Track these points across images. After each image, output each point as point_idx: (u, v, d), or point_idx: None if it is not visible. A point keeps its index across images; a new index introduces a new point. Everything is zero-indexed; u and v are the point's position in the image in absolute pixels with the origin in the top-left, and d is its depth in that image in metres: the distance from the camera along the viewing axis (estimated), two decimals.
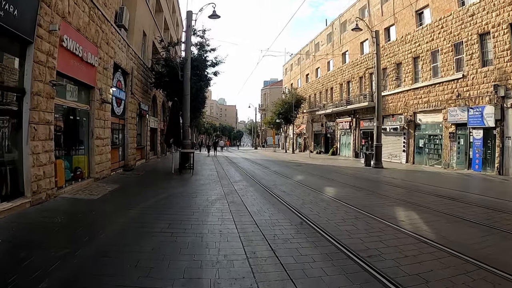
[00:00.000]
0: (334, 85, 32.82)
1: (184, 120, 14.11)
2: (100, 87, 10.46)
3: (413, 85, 21.19)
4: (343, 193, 9.34)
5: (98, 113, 10.36)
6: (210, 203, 7.27)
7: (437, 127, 19.33)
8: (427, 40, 19.97)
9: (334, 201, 7.91)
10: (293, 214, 6.38)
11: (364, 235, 5.14)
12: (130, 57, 14.33)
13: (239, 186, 10.18)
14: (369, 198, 8.63)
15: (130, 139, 14.43)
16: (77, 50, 8.59)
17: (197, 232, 4.98)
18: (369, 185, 11.38)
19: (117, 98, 12.86)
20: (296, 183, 11.14)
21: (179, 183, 10.64)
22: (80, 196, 7.72)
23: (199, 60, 17.10)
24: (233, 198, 7.96)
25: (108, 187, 9.03)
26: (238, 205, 7.14)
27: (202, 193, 8.64)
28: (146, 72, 17.85)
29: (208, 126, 76.83)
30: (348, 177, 13.83)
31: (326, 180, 12.61)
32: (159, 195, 8.04)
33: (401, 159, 22.05)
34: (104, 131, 10.83)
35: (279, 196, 8.30)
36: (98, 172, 10.33)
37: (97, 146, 10.30)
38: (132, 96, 14.59)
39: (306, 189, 9.78)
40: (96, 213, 6.04)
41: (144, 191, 8.80)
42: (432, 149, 19.86)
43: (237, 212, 6.35)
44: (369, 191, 9.81)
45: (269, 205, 7.27)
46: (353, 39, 28.74)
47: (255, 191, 9.24)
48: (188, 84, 14.39)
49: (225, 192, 8.78)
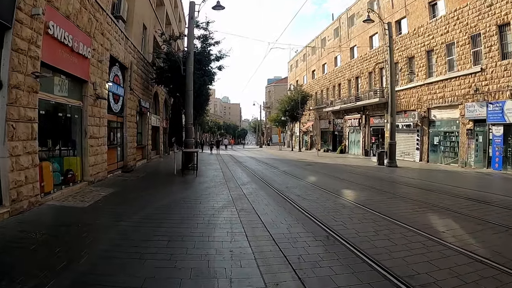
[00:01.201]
0: (342, 81, 31.73)
1: (187, 117, 13.17)
2: (94, 81, 9.55)
3: (426, 79, 20.12)
4: (364, 196, 8.37)
5: (92, 110, 9.45)
6: (216, 211, 6.32)
7: (453, 124, 18.26)
8: (441, 33, 18.90)
9: (358, 207, 6.94)
10: (315, 225, 5.42)
11: (406, 253, 4.19)
12: (128, 51, 13.41)
13: (248, 189, 9.23)
14: (395, 203, 7.64)
15: (130, 138, 13.52)
16: (67, 39, 7.69)
17: (202, 253, 4.03)
18: (388, 186, 10.39)
19: (114, 94, 11.95)
20: (310, 185, 10.16)
21: (182, 186, 9.73)
22: (69, 203, 6.81)
23: (203, 54, 16.10)
24: (243, 204, 7.01)
25: (103, 192, 8.12)
26: (249, 213, 6.18)
27: (207, 198, 7.69)
28: (147, 67, 16.92)
29: (212, 125, 75.94)
30: (363, 177, 12.83)
31: (341, 181, 11.62)
32: (158, 202, 7.11)
33: (414, 157, 21.00)
34: (99, 130, 9.92)
35: (294, 201, 7.34)
36: (92, 174, 9.43)
37: (91, 146, 9.40)
38: (131, 92, 13.68)
39: (323, 192, 8.80)
40: (82, 226, 5.11)
41: (142, 196, 7.85)
42: (448, 147, 18.81)
43: (248, 224, 5.39)
44: (391, 194, 8.83)
45: (285, 213, 6.31)
46: (362, 33, 27.66)
47: (267, 195, 8.28)
48: (191, 79, 13.44)
49: (233, 197, 7.83)
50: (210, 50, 16.40)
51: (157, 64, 16.98)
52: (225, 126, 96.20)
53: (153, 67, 16.93)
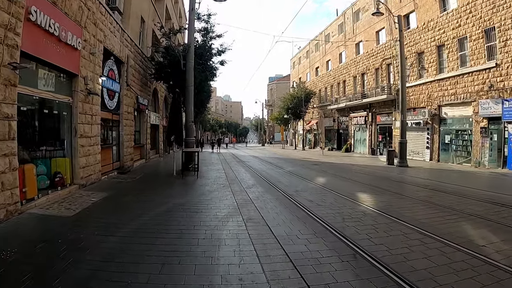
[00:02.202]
0: (347, 77, 30.84)
1: (187, 115, 12.34)
2: (86, 75, 8.75)
3: (437, 75, 19.26)
4: (383, 201, 7.53)
5: (83, 107, 8.65)
6: (220, 221, 5.50)
7: (466, 122, 17.41)
8: (453, 27, 18.02)
9: (380, 215, 6.11)
10: (337, 240, 4.62)
11: (453, 277, 3.45)
12: (125, 44, 12.60)
13: (254, 193, 8.41)
14: (419, 209, 6.82)
15: (126, 137, 12.71)
16: (52, 28, 6.88)
17: (205, 282, 3.21)
18: (405, 189, 9.54)
19: (109, 90, 11.14)
20: (321, 188, 9.33)
21: (181, 189, 8.91)
22: (53, 212, 6.01)
23: (204, 48, 15.24)
24: (250, 212, 6.20)
25: (94, 197, 7.32)
26: (258, 224, 5.37)
27: (209, 205, 6.88)
28: (145, 63, 16.10)
29: (214, 123, 75.04)
30: (376, 178, 11.99)
31: (353, 183, 10.79)
32: (154, 209, 6.30)
33: (424, 156, 20.15)
34: (91, 128, 9.11)
35: (308, 208, 6.52)
36: (83, 177, 8.64)
37: (82, 146, 8.60)
38: (128, 88, 12.87)
39: (336, 196, 7.97)
40: (62, 242, 4.32)
41: (137, 202, 7.03)
42: (460, 146, 17.96)
43: (259, 239, 4.58)
44: (411, 198, 7.98)
45: (300, 223, 5.49)
46: (368, 28, 26.76)
47: (275, 200, 7.46)
48: (191, 74, 12.62)
49: (238, 202, 7.02)
50: (211, 44, 15.56)
51: (156, 59, 16.14)
52: (227, 124, 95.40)
53: (151, 62, 16.10)
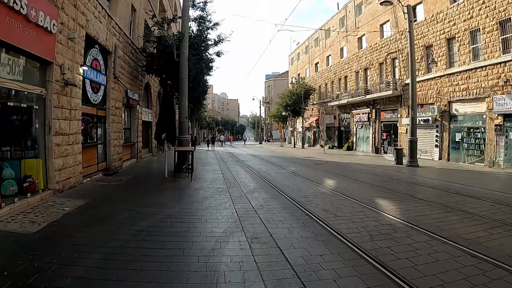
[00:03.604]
0: (348, 73, 29.71)
1: (181, 109, 11.14)
2: (62, 63, 7.56)
3: (447, 70, 18.19)
4: (410, 210, 6.40)
5: (58, 99, 7.46)
6: (217, 242, 4.35)
7: (479, 119, 16.36)
8: (464, 18, 16.95)
9: (414, 229, 4.98)
10: (374, 270, 3.49)
11: None
12: (112, 32, 11.38)
13: (257, 199, 7.26)
14: (456, 220, 5.68)
15: (114, 134, 11.51)
16: (18, 5, 5.70)
17: None
18: (428, 194, 8.30)
19: (93, 82, 9.93)
20: (333, 193, 8.17)
21: (172, 195, 7.72)
22: (13, 227, 4.84)
23: (199, 38, 14.02)
24: (254, 227, 5.05)
25: (68, 206, 6.15)
26: (266, 246, 4.23)
27: (204, 216, 5.72)
28: (136, 54, 14.87)
29: (210, 120, 73.67)
30: (389, 180, 10.89)
31: (366, 186, 9.65)
32: (137, 223, 5.14)
33: (433, 155, 19.12)
34: (69, 124, 7.92)
35: (324, 221, 5.39)
36: (60, 181, 7.46)
37: (58, 145, 7.41)
38: (115, 81, 11.65)
39: (354, 204, 6.83)
40: (8, 274, 3.16)
41: (117, 213, 5.81)
42: (473, 144, 16.91)
43: (271, 270, 3.44)
44: (441, 206, 6.77)
45: (320, 244, 4.34)
46: (371, 20, 25.61)
47: (283, 210, 6.30)
48: (185, 66, 11.43)
49: (239, 213, 5.86)
50: (207, 34, 14.34)
51: (148, 50, 14.91)
52: (223, 122, 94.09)
53: (143, 53, 14.86)
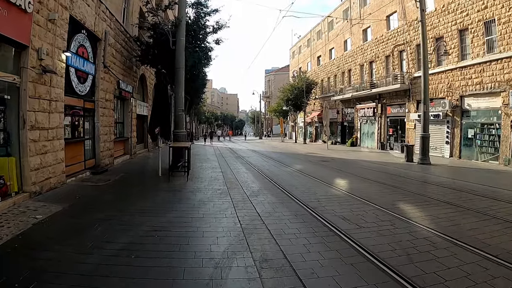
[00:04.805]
0: (352, 66, 28.69)
1: (178, 101, 10.17)
2: (40, 48, 6.60)
3: (459, 63, 17.23)
4: (442, 219, 5.42)
5: (35, 89, 6.51)
6: (217, 268, 3.39)
7: (494, 114, 15.45)
8: (478, 9, 15.98)
9: (455, 244, 4.09)
10: None
11: None
12: (102, 17, 10.38)
13: (263, 204, 6.33)
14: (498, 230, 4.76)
15: (104, 129, 10.55)
16: None
17: None
18: (454, 197, 7.27)
19: (79, 71, 8.94)
20: (349, 196, 7.21)
21: (165, 199, 6.74)
22: None
23: (197, 24, 12.98)
24: (263, 243, 4.13)
25: (40, 214, 5.23)
26: (280, 273, 3.30)
27: (200, 228, 4.79)
28: (130, 43, 13.85)
29: (209, 115, 72.54)
30: (406, 180, 9.91)
31: (382, 187, 8.61)
32: (117, 238, 4.18)
33: (443, 152, 18.21)
34: (48, 118, 6.98)
35: (347, 234, 4.47)
36: (37, 182, 6.53)
37: (34, 140, 6.48)
38: (106, 70, 10.66)
39: (376, 210, 5.88)
40: None
41: (96, 224, 4.78)
42: (486, 141, 16.02)
43: None
44: (474, 212, 5.81)
45: (348, 270, 3.41)
46: (377, 11, 24.54)
47: (295, 218, 5.35)
48: (182, 54, 10.46)
49: (243, 224, 4.93)
50: (206, 21, 13.29)
51: (143, 39, 13.88)
52: (223, 117, 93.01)
53: (137, 42, 13.83)
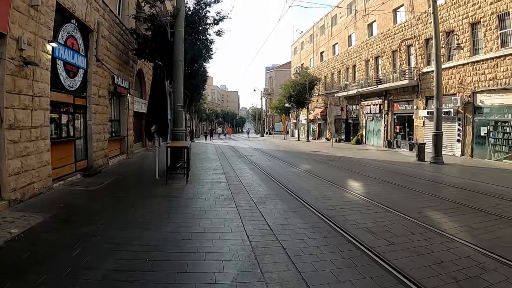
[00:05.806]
0: (357, 62, 27.85)
1: (176, 97, 9.40)
2: (20, 36, 5.83)
3: (471, 57, 16.44)
4: (480, 229, 4.65)
5: (14, 83, 5.75)
6: None
7: (509, 111, 14.70)
8: (491, 1, 15.24)
9: (504, 264, 3.36)
10: None
11: None
12: (94, 7, 9.59)
13: (273, 214, 5.56)
14: None
15: (97, 127, 9.80)
16: None
17: None
18: (483, 203, 6.39)
19: (68, 64, 8.17)
20: (370, 203, 6.41)
21: (160, 208, 5.93)
22: None
23: (197, 15, 12.16)
24: (280, 271, 3.34)
25: (16, 227, 4.49)
26: None
27: (201, 248, 4.01)
28: (126, 37, 13.05)
29: (210, 112, 71.66)
30: (424, 183, 9.02)
31: (404, 191, 7.78)
32: (95, 267, 3.38)
33: (454, 150, 17.45)
34: (31, 115, 6.23)
35: (378, 253, 3.74)
36: (18, 188, 5.79)
37: (14, 141, 5.73)
38: (99, 64, 9.89)
39: (404, 220, 5.12)
40: None
41: (75, 243, 3.92)
42: (500, 140, 15.26)
43: None
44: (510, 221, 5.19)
45: None
46: (383, 5, 23.68)
47: (314, 233, 4.56)
48: (181, 46, 9.70)
49: (252, 241, 4.16)
50: (206, 12, 12.47)
51: (140, 32, 13.08)
52: (223, 114, 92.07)
53: (133, 35, 13.04)
